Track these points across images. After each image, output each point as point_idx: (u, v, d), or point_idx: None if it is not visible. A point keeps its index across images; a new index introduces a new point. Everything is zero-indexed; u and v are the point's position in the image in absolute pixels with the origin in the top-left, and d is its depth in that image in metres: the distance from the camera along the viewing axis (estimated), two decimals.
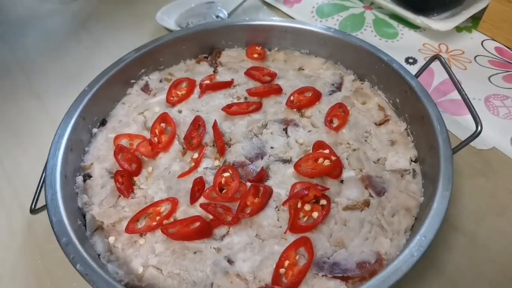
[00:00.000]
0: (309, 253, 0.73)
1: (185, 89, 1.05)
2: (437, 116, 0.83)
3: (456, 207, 0.90)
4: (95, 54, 1.37)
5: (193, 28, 1.14)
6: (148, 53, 1.07)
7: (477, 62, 1.20)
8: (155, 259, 0.77)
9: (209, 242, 0.78)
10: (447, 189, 0.73)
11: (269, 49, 1.16)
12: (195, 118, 0.97)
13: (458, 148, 0.81)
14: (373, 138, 0.93)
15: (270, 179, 0.87)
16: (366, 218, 0.80)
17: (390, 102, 1.00)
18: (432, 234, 0.68)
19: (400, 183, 0.85)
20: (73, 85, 0.98)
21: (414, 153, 0.90)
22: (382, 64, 0.98)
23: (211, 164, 0.90)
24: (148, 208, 0.82)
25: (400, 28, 1.33)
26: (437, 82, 1.14)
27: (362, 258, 0.74)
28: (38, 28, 1.50)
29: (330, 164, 0.84)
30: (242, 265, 0.75)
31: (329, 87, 1.05)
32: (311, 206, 0.80)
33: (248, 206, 0.80)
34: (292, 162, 0.88)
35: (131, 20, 1.50)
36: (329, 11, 1.42)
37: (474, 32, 1.30)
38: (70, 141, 0.88)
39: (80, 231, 0.79)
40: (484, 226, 0.88)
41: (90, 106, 0.95)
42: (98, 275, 0.67)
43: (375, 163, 0.89)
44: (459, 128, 1.02)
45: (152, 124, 0.96)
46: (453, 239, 0.86)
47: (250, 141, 0.93)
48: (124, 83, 1.07)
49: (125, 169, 0.89)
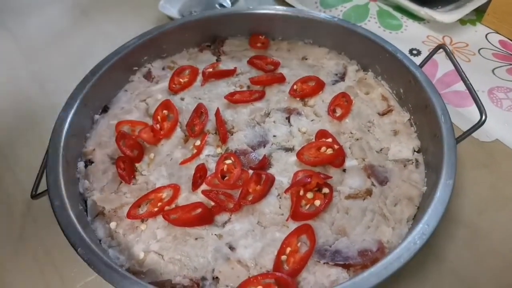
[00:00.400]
0: (310, 240, 0.73)
1: (188, 77, 1.05)
2: (441, 106, 0.83)
3: (458, 199, 0.90)
4: (97, 41, 1.36)
5: (195, 16, 1.12)
6: (150, 41, 1.06)
7: (481, 54, 1.20)
8: (157, 245, 0.76)
9: (210, 229, 0.78)
10: (450, 178, 0.72)
11: (272, 38, 1.15)
12: (198, 105, 0.96)
13: (462, 137, 0.80)
14: (376, 128, 0.93)
15: (272, 167, 0.86)
16: (368, 207, 0.80)
17: (393, 93, 0.99)
18: (435, 222, 0.67)
19: (403, 172, 0.85)
20: (75, 72, 0.97)
21: (417, 143, 0.90)
22: (386, 54, 0.97)
23: (213, 152, 0.90)
24: (150, 194, 0.82)
25: (404, 20, 1.32)
26: (441, 73, 1.14)
27: (364, 246, 0.74)
28: (40, 15, 1.49)
29: (333, 152, 0.84)
30: (243, 251, 0.75)
31: (333, 77, 1.04)
32: (314, 194, 0.79)
33: (250, 194, 0.80)
34: (295, 151, 0.88)
35: (134, 8, 1.49)
36: (333, 2, 1.41)
37: (478, 25, 1.29)
38: (72, 126, 0.87)
39: (82, 216, 0.79)
40: (486, 217, 0.88)
41: (92, 93, 0.94)
42: (99, 258, 0.67)
43: (377, 153, 0.89)
44: (462, 120, 1.02)
45: (154, 110, 0.95)
46: (455, 229, 0.86)
47: (252, 129, 0.93)
48: (126, 70, 1.06)
49: (126, 155, 0.88)
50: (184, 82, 1.03)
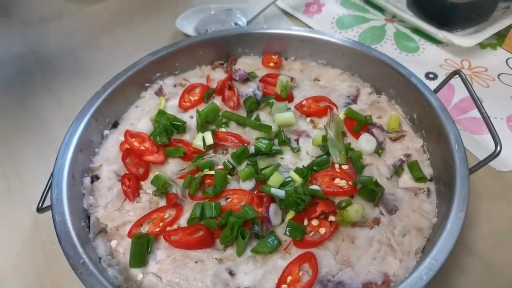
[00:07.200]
0: (313, 269, 0.71)
1: (199, 95, 1.04)
2: (455, 133, 0.80)
3: (472, 230, 0.86)
4: (114, 56, 1.38)
5: (210, 34, 1.13)
6: (164, 58, 1.07)
7: (500, 80, 1.16)
8: (156, 266, 0.75)
9: (211, 252, 0.76)
10: (462, 210, 0.69)
11: (285, 58, 1.15)
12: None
13: (476, 168, 0.77)
14: (387, 153, 0.90)
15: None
16: (375, 236, 0.77)
17: (407, 117, 0.97)
18: (443, 257, 0.64)
19: (413, 201, 0.82)
20: (90, 86, 0.98)
21: (430, 171, 0.87)
22: (400, 78, 0.95)
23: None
24: (152, 213, 0.81)
25: (421, 43, 1.30)
26: (457, 99, 1.11)
27: (369, 278, 0.71)
28: (60, 28, 1.53)
29: (346, 187, 0.81)
30: (243, 278, 0.73)
31: (345, 99, 1.02)
32: (319, 221, 0.77)
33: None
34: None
35: (152, 24, 1.51)
36: (349, 23, 1.40)
37: (499, 49, 1.26)
38: (81, 141, 0.88)
39: (83, 232, 0.78)
40: (502, 251, 0.84)
41: (103, 108, 0.95)
42: (97, 280, 0.66)
43: (388, 180, 0.86)
44: (479, 148, 0.98)
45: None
46: (468, 263, 0.82)
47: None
48: (138, 86, 1.07)
49: (132, 173, 0.88)
50: (194, 100, 1.03)
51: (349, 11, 1.44)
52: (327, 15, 1.44)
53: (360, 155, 0.87)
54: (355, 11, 1.44)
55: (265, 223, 0.77)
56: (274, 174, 0.82)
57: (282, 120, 0.94)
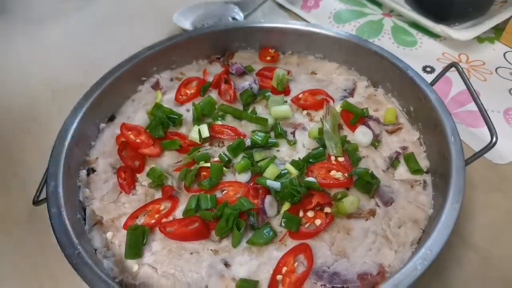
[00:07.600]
0: (308, 260, 0.71)
1: (195, 88, 1.04)
2: (451, 126, 0.80)
3: (469, 222, 0.86)
4: (111, 51, 1.37)
5: (206, 29, 1.13)
6: (161, 52, 1.06)
7: (498, 73, 1.16)
8: (151, 258, 0.75)
9: (206, 244, 0.76)
10: (457, 201, 0.69)
11: (282, 52, 1.14)
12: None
13: (472, 159, 0.77)
14: (384, 146, 0.90)
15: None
16: (370, 228, 0.77)
17: (403, 110, 0.97)
18: (438, 248, 0.64)
19: (409, 193, 0.82)
20: (88, 80, 0.98)
21: (426, 163, 0.87)
22: (397, 71, 0.95)
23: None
24: (148, 205, 0.81)
25: (419, 37, 1.29)
26: (454, 92, 1.10)
27: (364, 269, 0.71)
28: (59, 25, 1.53)
29: (342, 179, 0.80)
30: (238, 269, 0.72)
31: (341, 92, 1.02)
32: (315, 213, 0.77)
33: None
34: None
35: (150, 20, 1.51)
36: (347, 17, 1.39)
37: (497, 43, 1.25)
38: (77, 134, 0.88)
39: (79, 224, 0.79)
40: (498, 244, 0.84)
41: (99, 101, 0.95)
42: (91, 270, 0.67)
43: (384, 172, 0.86)
44: (476, 141, 0.98)
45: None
46: (464, 255, 0.82)
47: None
48: (135, 80, 1.06)
49: (128, 166, 0.88)
50: (190, 94, 1.03)
51: (347, 6, 1.44)
52: (325, 10, 1.43)
53: (356, 148, 0.87)
54: (353, 6, 1.44)
55: (260, 215, 0.77)
56: (270, 166, 0.82)
57: (279, 113, 0.94)
